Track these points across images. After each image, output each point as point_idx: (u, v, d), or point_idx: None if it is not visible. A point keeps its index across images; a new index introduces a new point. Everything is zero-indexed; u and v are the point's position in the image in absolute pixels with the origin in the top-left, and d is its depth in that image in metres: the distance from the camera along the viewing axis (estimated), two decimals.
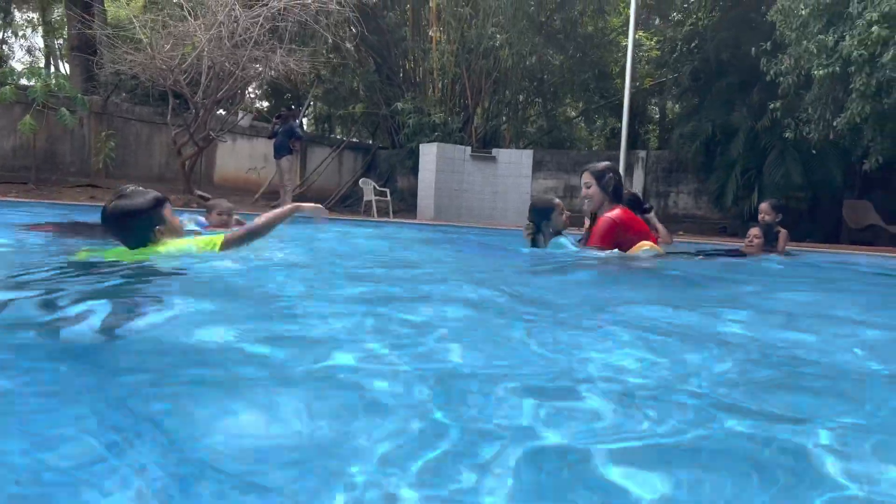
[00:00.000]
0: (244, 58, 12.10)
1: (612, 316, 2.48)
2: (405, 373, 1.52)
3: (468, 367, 1.61)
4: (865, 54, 7.84)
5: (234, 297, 2.43)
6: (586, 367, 1.66)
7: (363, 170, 20.75)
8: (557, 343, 1.95)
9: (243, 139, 17.43)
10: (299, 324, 2.04)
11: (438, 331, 2.00)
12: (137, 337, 1.78)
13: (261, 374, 1.48)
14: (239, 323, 1.98)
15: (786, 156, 11.86)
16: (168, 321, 1.95)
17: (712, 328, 2.33)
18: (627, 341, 1.97)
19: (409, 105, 18.09)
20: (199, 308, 2.16)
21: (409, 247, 6.28)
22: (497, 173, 16.26)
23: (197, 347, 1.69)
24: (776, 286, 4.23)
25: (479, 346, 1.87)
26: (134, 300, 2.21)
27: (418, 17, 19.74)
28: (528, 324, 2.20)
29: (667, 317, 2.50)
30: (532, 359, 1.74)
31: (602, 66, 20.51)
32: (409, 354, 1.68)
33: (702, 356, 1.83)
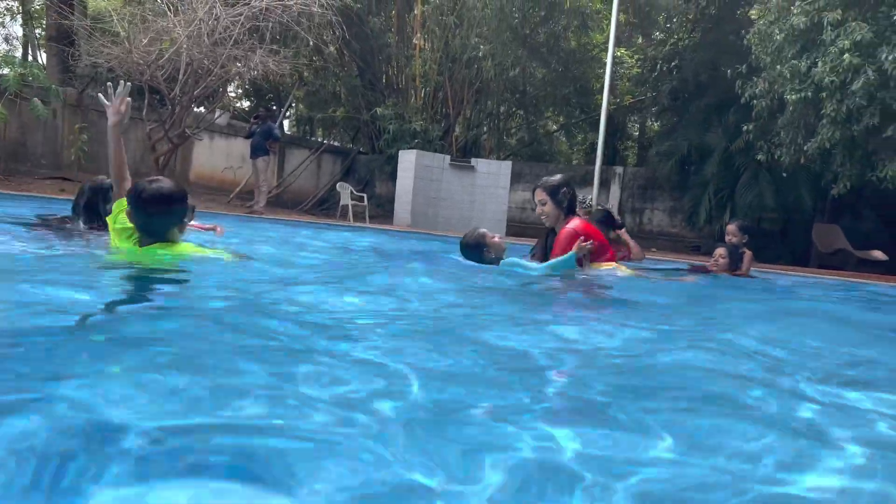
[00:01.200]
0: (223, 56, 11.98)
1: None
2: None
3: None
4: (837, 81, 7.96)
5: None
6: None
7: (341, 174, 20.66)
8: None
9: (221, 138, 17.27)
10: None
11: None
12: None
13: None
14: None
15: (759, 178, 12.01)
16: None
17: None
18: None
19: (391, 111, 18.07)
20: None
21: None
22: (475, 183, 16.26)
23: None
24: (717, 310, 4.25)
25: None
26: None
27: (403, 24, 19.76)
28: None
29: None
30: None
31: (584, 81, 20.65)
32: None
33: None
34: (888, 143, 8.19)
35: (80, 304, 2.19)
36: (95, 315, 2.06)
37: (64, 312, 2.02)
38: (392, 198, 18.79)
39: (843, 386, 1.89)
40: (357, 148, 22.22)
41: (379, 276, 4.02)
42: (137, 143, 15.58)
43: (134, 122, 15.32)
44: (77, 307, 2.13)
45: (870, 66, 7.80)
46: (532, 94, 20.84)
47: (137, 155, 15.67)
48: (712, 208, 12.90)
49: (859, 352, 2.69)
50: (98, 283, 2.64)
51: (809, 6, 8.35)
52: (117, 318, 2.08)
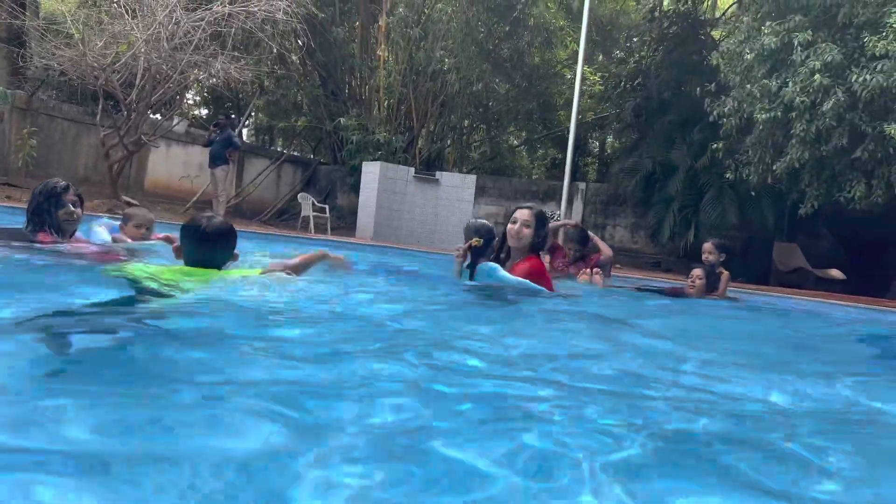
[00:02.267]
0: (183, 62, 11.61)
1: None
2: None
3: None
4: (807, 101, 8.04)
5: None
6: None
7: (302, 184, 20.30)
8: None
9: (178, 146, 16.79)
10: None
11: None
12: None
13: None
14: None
15: (723, 196, 12.14)
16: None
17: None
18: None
19: (354, 122, 17.84)
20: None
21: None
22: (439, 196, 16.13)
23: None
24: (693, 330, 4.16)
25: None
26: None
27: (367, 35, 19.57)
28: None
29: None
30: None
31: (547, 97, 20.75)
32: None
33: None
34: (856, 165, 8.33)
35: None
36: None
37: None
38: (354, 209, 18.52)
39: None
40: (318, 159, 21.89)
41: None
42: (90, 150, 15.04)
43: (87, 128, 14.81)
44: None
45: (839, 88, 7.92)
46: (495, 108, 20.86)
47: (90, 162, 15.13)
48: (676, 225, 12.98)
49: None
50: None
51: (780, 27, 8.46)
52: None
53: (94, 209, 10.87)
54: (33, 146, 12.45)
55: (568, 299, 4.34)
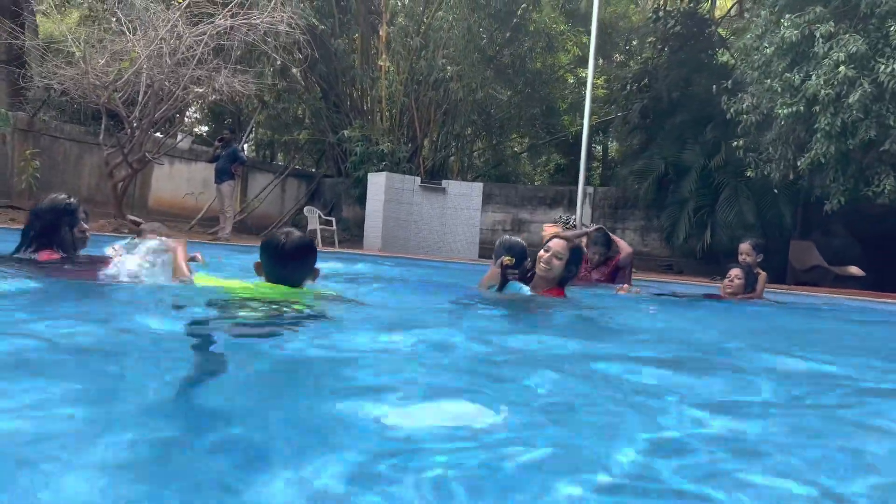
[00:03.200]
0: (186, 77, 11.47)
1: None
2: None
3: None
4: (832, 94, 7.86)
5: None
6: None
7: (307, 198, 20.15)
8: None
9: (181, 163, 16.63)
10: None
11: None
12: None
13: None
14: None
15: (739, 195, 11.93)
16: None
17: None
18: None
19: (357, 133, 17.70)
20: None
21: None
22: (446, 205, 15.95)
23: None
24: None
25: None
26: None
27: (367, 46, 19.46)
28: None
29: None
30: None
31: (549, 102, 20.63)
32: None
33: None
34: (884, 158, 8.14)
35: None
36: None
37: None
38: (360, 221, 18.35)
39: None
40: (322, 171, 21.74)
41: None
42: (92, 169, 14.88)
43: (89, 147, 14.66)
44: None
45: (865, 79, 7.74)
46: (499, 115, 20.72)
47: (93, 182, 14.97)
48: (692, 226, 12.76)
49: None
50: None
51: (799, 19, 8.29)
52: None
53: (100, 229, 10.69)
54: (36, 167, 12.29)
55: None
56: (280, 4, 12.14)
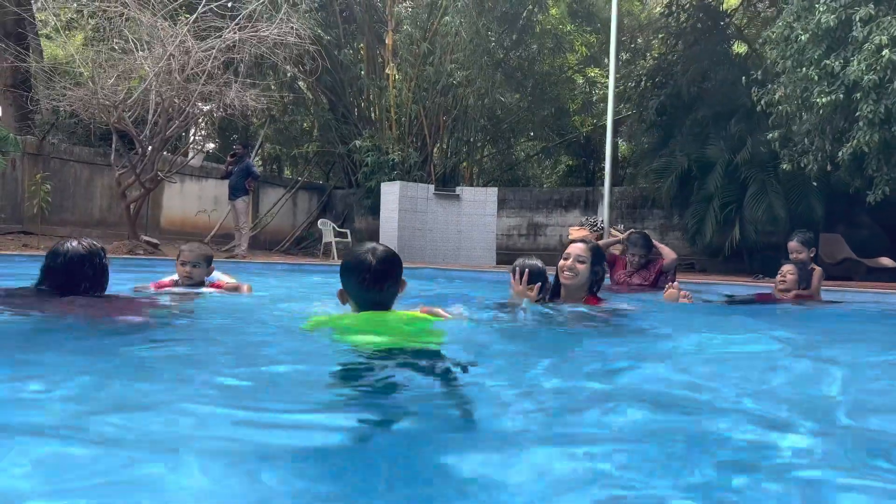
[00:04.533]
0: (196, 93, 11.26)
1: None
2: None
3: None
4: (875, 79, 7.56)
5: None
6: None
7: (318, 210, 19.95)
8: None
9: (192, 181, 16.44)
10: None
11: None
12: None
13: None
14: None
15: (767, 189, 11.61)
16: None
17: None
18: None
19: (368, 143, 17.49)
20: None
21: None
22: (461, 212, 15.70)
23: None
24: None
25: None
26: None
27: (373, 55, 19.28)
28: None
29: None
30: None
31: (559, 103, 20.38)
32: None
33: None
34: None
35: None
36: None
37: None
38: (373, 232, 18.12)
39: None
40: (332, 183, 21.55)
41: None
42: (103, 191, 14.70)
43: (99, 169, 14.49)
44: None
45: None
46: (509, 118, 20.49)
47: (105, 204, 14.78)
48: (720, 223, 12.43)
49: None
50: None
51: (835, 3, 7.99)
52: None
53: (114, 251, 10.45)
54: (47, 192, 12.08)
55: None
56: (286, 17, 11.97)
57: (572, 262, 3.65)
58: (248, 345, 2.55)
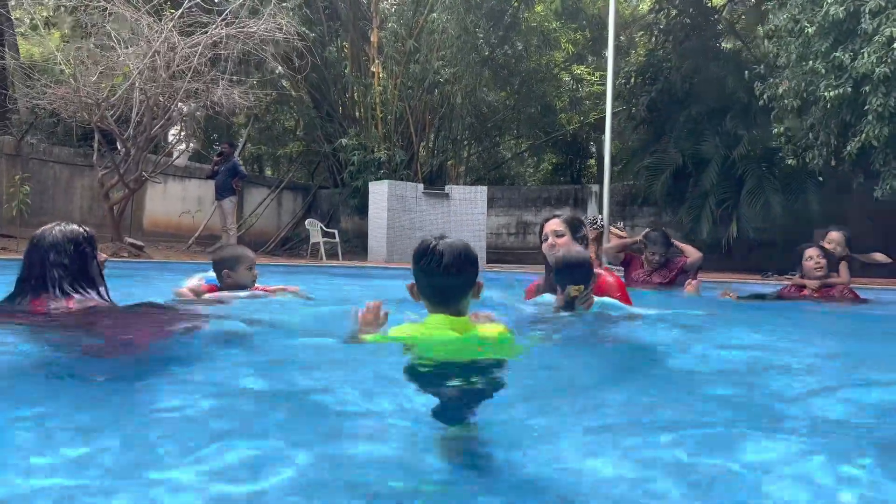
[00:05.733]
0: (181, 90, 10.95)
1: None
2: None
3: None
4: (887, 71, 7.50)
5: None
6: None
7: (304, 210, 19.64)
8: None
9: (175, 181, 16.05)
10: None
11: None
12: None
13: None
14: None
15: (764, 185, 11.56)
16: None
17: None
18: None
19: (354, 141, 17.23)
20: None
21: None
22: (451, 211, 15.52)
23: None
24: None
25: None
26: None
27: (358, 52, 19.01)
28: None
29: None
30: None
31: (546, 101, 20.28)
32: None
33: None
34: None
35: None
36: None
37: None
38: (359, 232, 17.88)
39: None
40: (318, 183, 21.25)
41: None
42: (84, 192, 14.29)
43: (80, 170, 14.09)
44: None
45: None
46: (495, 116, 20.34)
47: (86, 205, 14.37)
48: (716, 220, 12.36)
49: None
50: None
51: None
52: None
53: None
54: (26, 193, 11.70)
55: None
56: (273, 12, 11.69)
57: (552, 239, 3.43)
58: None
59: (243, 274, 3.70)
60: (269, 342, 2.65)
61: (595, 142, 23.51)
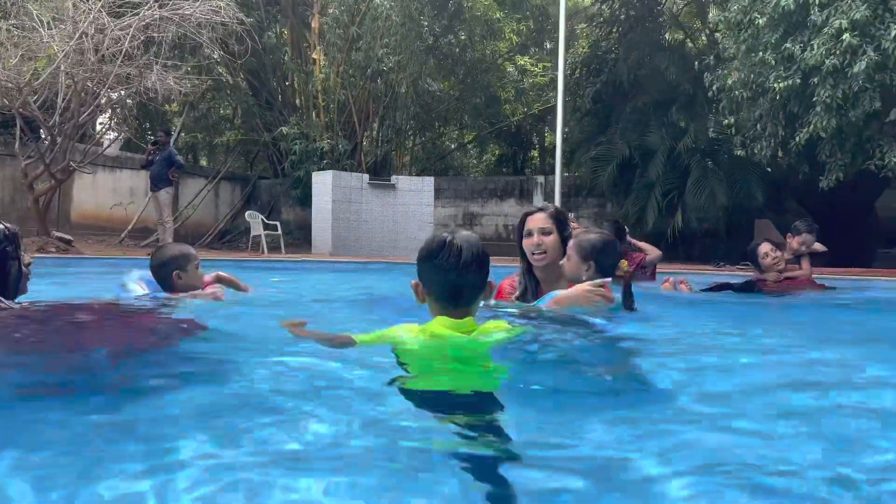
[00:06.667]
0: (112, 75, 10.31)
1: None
2: None
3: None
4: (836, 63, 7.59)
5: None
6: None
7: (243, 202, 19.00)
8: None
9: (105, 171, 15.24)
10: None
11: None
12: None
13: None
14: None
15: (709, 176, 11.71)
16: None
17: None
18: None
19: (295, 130, 16.73)
20: None
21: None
22: (397, 202, 15.24)
23: None
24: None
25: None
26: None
27: (299, 39, 18.46)
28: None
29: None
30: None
31: (491, 91, 20.17)
32: None
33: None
34: (886, 129, 7.94)
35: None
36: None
37: None
38: (302, 224, 17.40)
39: None
40: (257, 173, 20.61)
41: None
42: (4, 184, 13.42)
43: (0, 159, 13.20)
44: None
45: (868, 47, 7.51)
46: (440, 106, 20.12)
47: (6, 197, 13.49)
48: (661, 211, 12.47)
49: None
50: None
51: None
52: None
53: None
54: None
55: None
56: None
57: (537, 237, 2.99)
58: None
59: (194, 273, 3.38)
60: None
61: (538, 133, 23.57)
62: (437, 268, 1.96)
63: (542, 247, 2.97)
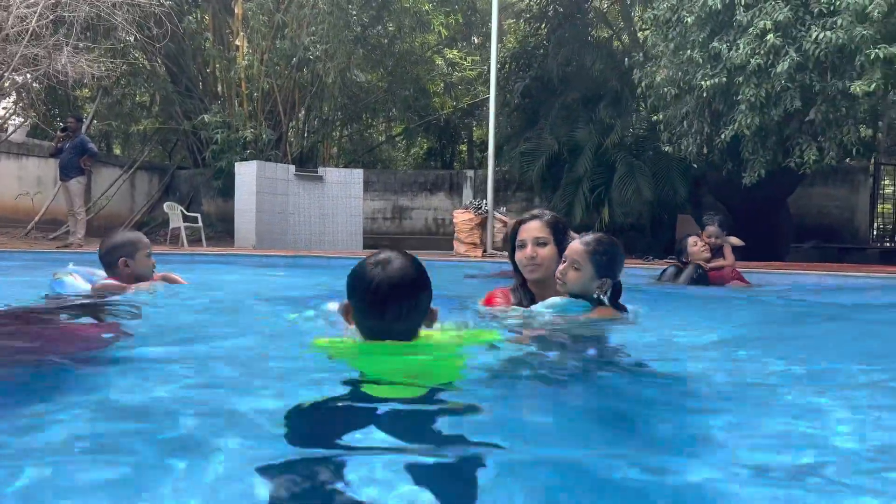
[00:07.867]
0: (17, 56, 9.64)
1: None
2: None
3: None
4: (760, 63, 7.84)
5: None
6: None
7: (160, 192, 18.22)
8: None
9: (10, 158, 14.28)
10: None
11: None
12: None
13: None
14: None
15: (635, 172, 11.97)
16: None
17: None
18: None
19: (217, 119, 16.12)
20: None
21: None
22: (325, 194, 14.92)
23: None
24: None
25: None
26: None
27: (221, 24, 17.80)
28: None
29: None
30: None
31: (420, 83, 20.03)
32: None
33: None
34: (804, 128, 8.29)
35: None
36: None
37: None
38: (223, 216, 16.83)
39: None
40: (176, 163, 19.79)
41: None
42: None
43: None
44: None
45: (791, 48, 7.79)
46: (368, 97, 19.83)
47: None
48: (589, 206, 12.68)
49: None
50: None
51: None
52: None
53: None
54: None
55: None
56: None
57: (531, 248, 2.73)
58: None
59: (143, 262, 3.17)
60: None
61: (467, 127, 23.60)
62: (362, 311, 1.79)
63: (538, 260, 2.73)
